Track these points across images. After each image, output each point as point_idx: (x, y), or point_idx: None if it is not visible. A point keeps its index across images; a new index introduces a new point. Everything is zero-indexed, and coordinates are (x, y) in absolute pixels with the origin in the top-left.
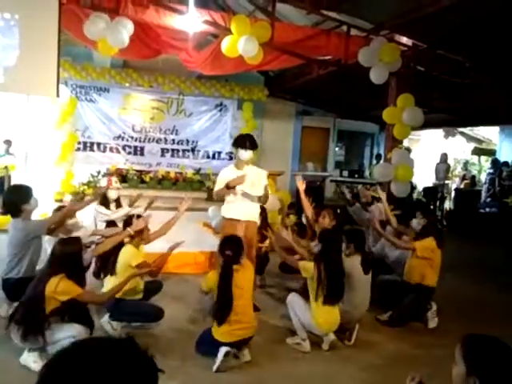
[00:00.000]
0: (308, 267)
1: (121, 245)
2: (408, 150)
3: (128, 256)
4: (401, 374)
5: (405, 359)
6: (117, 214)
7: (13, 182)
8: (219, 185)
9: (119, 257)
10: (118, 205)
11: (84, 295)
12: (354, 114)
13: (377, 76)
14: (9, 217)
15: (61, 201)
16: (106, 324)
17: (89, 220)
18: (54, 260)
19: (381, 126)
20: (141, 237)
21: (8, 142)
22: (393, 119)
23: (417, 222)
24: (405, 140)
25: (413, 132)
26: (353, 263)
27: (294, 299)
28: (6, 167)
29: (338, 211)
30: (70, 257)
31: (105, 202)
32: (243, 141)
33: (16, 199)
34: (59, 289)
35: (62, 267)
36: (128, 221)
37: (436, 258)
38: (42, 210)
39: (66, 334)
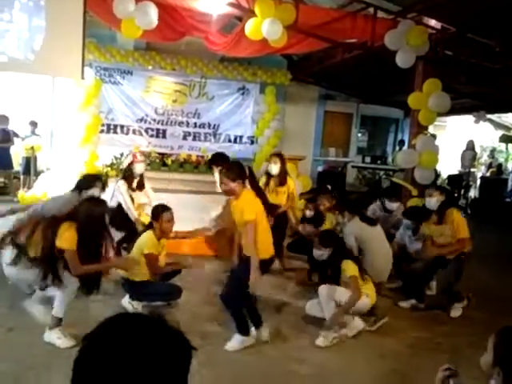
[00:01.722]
0: (350, 267)
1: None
2: (433, 136)
3: (145, 241)
4: (422, 361)
5: (427, 347)
6: (128, 209)
7: (38, 163)
8: None
9: (138, 238)
10: (141, 182)
11: (71, 254)
12: (378, 99)
13: (403, 60)
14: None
15: None
16: (127, 304)
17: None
18: (76, 210)
19: (405, 111)
20: (162, 230)
21: (34, 124)
22: (418, 105)
23: (435, 200)
24: (430, 126)
25: (438, 118)
26: (356, 225)
27: (332, 290)
28: (32, 148)
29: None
30: (89, 215)
31: (130, 177)
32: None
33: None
34: (63, 234)
35: (77, 219)
36: (155, 213)
37: (465, 226)
38: (66, 189)
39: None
